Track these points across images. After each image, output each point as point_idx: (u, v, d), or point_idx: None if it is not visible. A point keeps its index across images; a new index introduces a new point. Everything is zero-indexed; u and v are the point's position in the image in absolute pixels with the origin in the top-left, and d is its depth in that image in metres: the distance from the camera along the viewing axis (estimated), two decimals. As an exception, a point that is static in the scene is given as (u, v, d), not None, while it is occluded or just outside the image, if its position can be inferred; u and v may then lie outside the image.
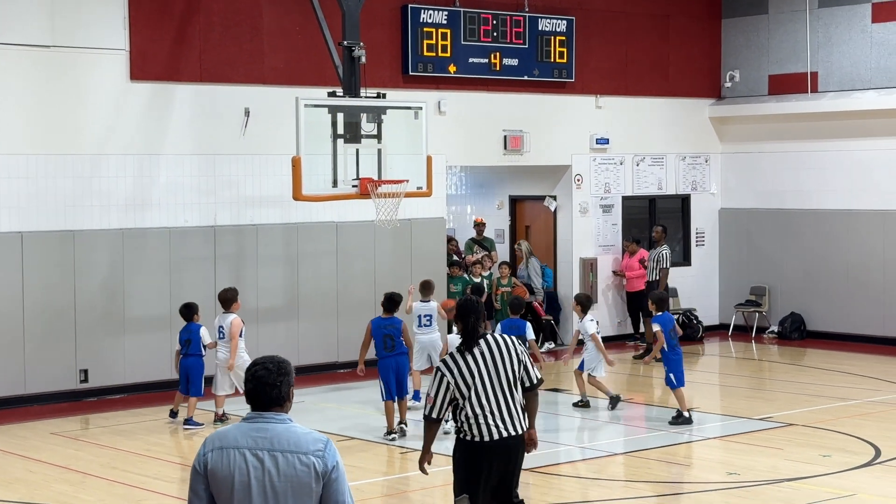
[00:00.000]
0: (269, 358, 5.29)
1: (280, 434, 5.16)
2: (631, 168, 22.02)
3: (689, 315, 22.21)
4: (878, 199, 20.91)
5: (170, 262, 17.18)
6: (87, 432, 14.92)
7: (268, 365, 5.24)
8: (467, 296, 8.47)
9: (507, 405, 7.98)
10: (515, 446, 8.07)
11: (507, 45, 20.05)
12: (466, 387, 7.94)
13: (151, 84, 17.03)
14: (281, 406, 5.24)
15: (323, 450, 5.14)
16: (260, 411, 5.22)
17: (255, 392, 5.22)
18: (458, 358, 8.01)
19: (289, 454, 5.12)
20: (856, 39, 21.09)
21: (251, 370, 5.25)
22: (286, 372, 5.24)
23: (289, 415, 5.28)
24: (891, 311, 20.76)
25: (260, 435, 5.16)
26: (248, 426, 5.20)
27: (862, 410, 15.40)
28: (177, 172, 17.24)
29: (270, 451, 5.13)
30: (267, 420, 5.19)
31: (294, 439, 5.15)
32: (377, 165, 15.93)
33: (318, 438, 5.19)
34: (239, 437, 5.18)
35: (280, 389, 5.22)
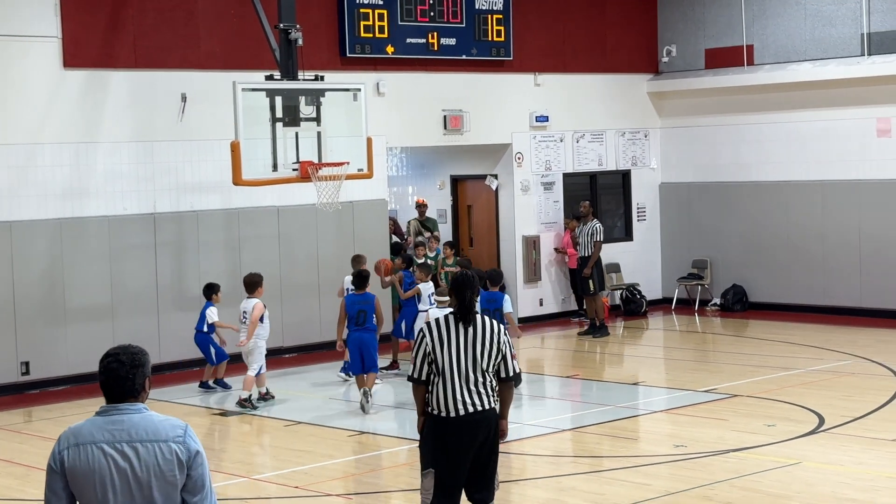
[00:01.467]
0: (123, 349, 5.13)
1: (137, 424, 5.01)
2: (571, 145, 22.07)
3: (632, 290, 22.33)
4: (816, 170, 21.11)
5: (110, 250, 17.00)
6: (30, 425, 14.74)
7: (121, 357, 5.07)
8: (463, 270, 8.36)
9: (477, 385, 7.91)
10: (484, 421, 7.94)
11: (445, 24, 20.00)
12: (442, 355, 7.90)
13: (85, 71, 16.81)
14: (136, 397, 5.07)
15: (183, 436, 5.02)
16: (114, 403, 5.08)
17: (108, 385, 5.06)
18: (444, 325, 7.97)
19: (148, 443, 4.98)
20: (790, 12, 21.25)
21: (104, 361, 5.10)
22: (139, 364, 5.09)
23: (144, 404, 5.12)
24: (830, 280, 20.99)
25: (116, 427, 5.01)
26: (102, 419, 5.04)
27: (805, 379, 15.57)
28: (114, 160, 17.05)
29: (129, 441, 4.98)
30: (122, 411, 5.03)
31: (152, 428, 5.01)
32: (317, 148, 15.82)
33: (177, 425, 5.06)
34: (94, 432, 5.02)
35: (134, 381, 5.06)
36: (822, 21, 20.87)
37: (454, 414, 7.89)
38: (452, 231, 22.32)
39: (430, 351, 7.93)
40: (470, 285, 8.01)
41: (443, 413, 7.92)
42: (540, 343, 20.01)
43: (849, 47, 20.54)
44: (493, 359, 7.97)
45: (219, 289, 16.19)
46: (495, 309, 14.93)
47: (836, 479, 10.84)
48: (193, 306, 17.22)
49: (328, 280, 18.53)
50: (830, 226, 20.96)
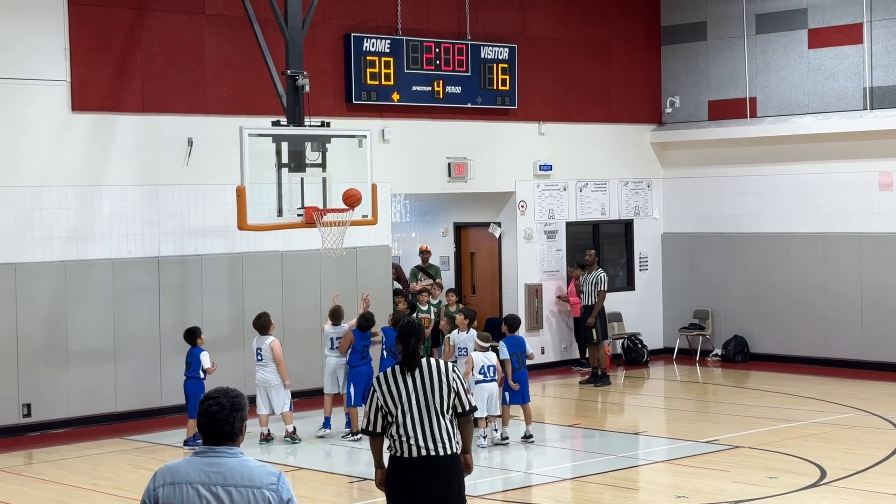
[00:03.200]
0: (222, 392, 5.26)
1: (233, 468, 5.13)
2: (574, 194, 22.16)
3: (633, 339, 22.35)
4: (818, 222, 21.17)
5: (113, 293, 17.03)
6: (30, 468, 14.72)
7: (221, 400, 5.20)
8: (409, 318, 8.50)
9: (433, 428, 7.91)
10: (441, 466, 7.92)
11: (450, 72, 20.14)
12: (395, 405, 7.92)
13: (93, 115, 16.92)
14: (233, 441, 5.21)
15: (276, 483, 5.13)
16: (212, 445, 5.19)
17: (208, 427, 5.19)
18: (391, 377, 8.01)
19: (243, 489, 5.09)
20: (793, 65, 21.40)
21: (204, 404, 5.22)
22: (239, 407, 5.22)
23: (240, 448, 5.25)
24: (831, 332, 21.00)
25: (213, 470, 5.13)
26: (200, 460, 5.17)
27: (806, 432, 15.55)
28: (120, 203, 17.12)
29: (224, 485, 5.10)
30: (219, 454, 5.16)
31: (248, 473, 5.13)
32: (322, 194, 15.91)
33: (271, 472, 5.18)
34: (191, 472, 5.14)
35: (233, 425, 5.20)
36: (824, 75, 21.01)
37: (410, 455, 7.90)
38: (455, 278, 22.36)
39: (381, 404, 7.98)
40: (415, 332, 8.08)
41: (400, 453, 7.95)
42: (541, 391, 19.98)
43: (851, 101, 20.67)
44: (445, 399, 7.98)
45: (201, 332, 15.71)
46: (522, 351, 15.44)
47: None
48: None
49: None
50: (832, 278, 21.00)
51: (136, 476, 13.84)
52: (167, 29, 17.53)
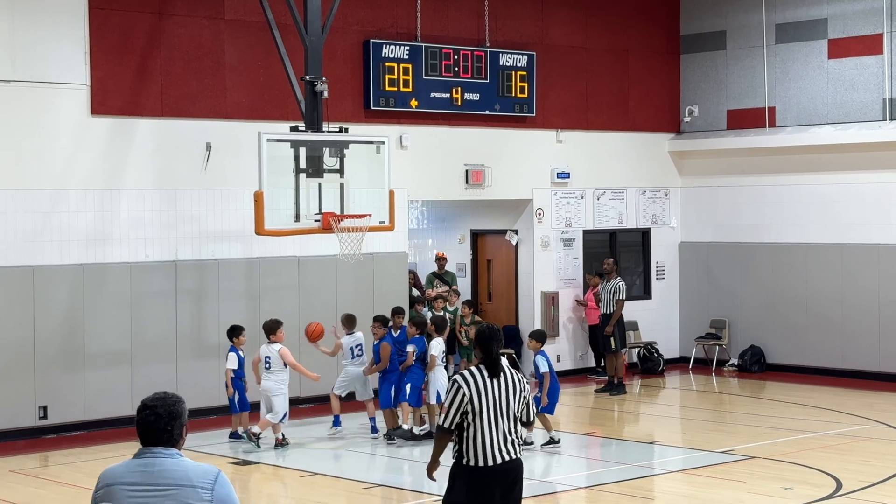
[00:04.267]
0: (160, 400, 5.23)
1: (168, 468, 5.13)
2: (592, 202, 22.14)
3: (649, 348, 22.31)
4: (836, 233, 21.11)
5: (130, 297, 17.08)
6: (46, 470, 14.77)
7: (158, 410, 5.19)
8: (488, 323, 8.48)
9: (509, 433, 8.09)
10: (516, 470, 8.14)
11: (469, 79, 20.15)
12: (479, 405, 8.01)
13: (112, 119, 16.98)
14: (173, 446, 5.22)
15: (213, 482, 5.11)
16: (149, 447, 5.20)
17: (145, 436, 5.20)
18: (478, 377, 8.08)
19: (178, 487, 5.09)
20: (812, 75, 21.36)
21: (141, 413, 5.21)
22: (177, 415, 5.21)
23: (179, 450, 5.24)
24: (848, 343, 20.93)
25: (147, 470, 5.14)
26: (136, 462, 5.19)
27: (822, 443, 15.50)
28: (138, 207, 17.17)
29: (156, 485, 5.10)
30: (155, 455, 5.17)
31: (182, 472, 5.12)
32: (339, 200, 15.94)
33: (208, 471, 5.16)
34: (126, 474, 5.16)
35: (171, 433, 5.20)
36: (844, 85, 20.96)
37: (492, 463, 8.01)
38: (471, 285, 22.36)
39: (467, 401, 8.02)
40: (495, 338, 8.18)
41: (480, 463, 8.01)
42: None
43: (871, 111, 20.61)
44: (520, 405, 8.17)
45: (241, 331, 16.00)
46: None
47: None
48: (213, 354, 17.29)
49: (347, 331, 18.54)
50: (849, 289, 20.94)
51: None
52: (187, 33, 17.59)
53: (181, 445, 5.24)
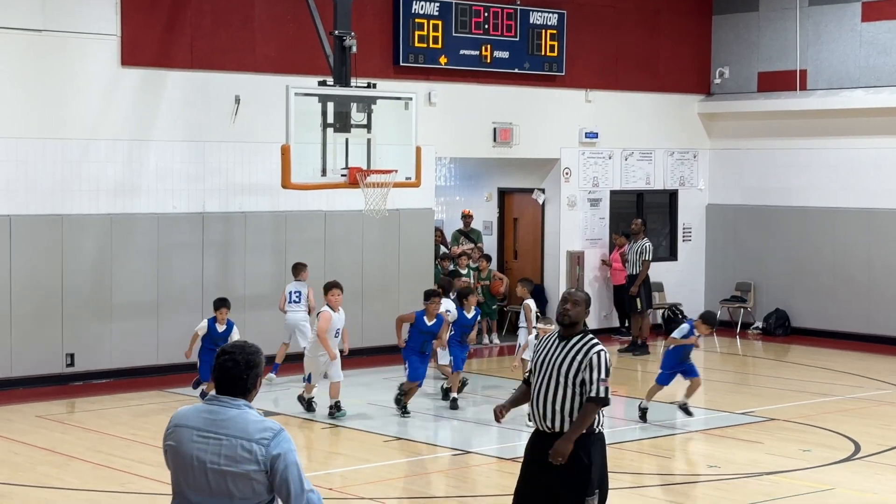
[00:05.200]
0: (239, 348, 5.32)
1: (231, 418, 5.22)
2: (619, 162, 22.10)
3: (674, 309, 22.32)
4: (865, 198, 21.02)
5: (158, 248, 17.21)
6: (72, 416, 14.97)
7: (236, 357, 5.27)
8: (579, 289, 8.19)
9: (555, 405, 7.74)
10: None
11: (498, 37, 20.10)
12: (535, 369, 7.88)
13: (142, 70, 17.05)
14: (245, 396, 5.30)
15: (270, 438, 5.17)
16: (221, 395, 5.29)
17: (222, 382, 5.29)
18: (548, 340, 7.98)
19: (234, 438, 5.17)
20: (845, 38, 21.19)
21: (220, 358, 5.31)
22: (254, 364, 5.28)
23: (251, 401, 5.32)
24: (875, 308, 20.88)
25: (212, 417, 5.24)
26: (205, 407, 5.30)
27: (843, 406, 15.52)
28: (166, 159, 17.27)
29: (216, 433, 5.20)
30: (222, 403, 5.26)
31: (242, 425, 5.20)
32: (366, 155, 15.97)
33: (268, 427, 5.21)
34: (193, 417, 5.29)
35: (246, 381, 5.28)
36: (876, 49, 20.80)
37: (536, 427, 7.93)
38: (497, 243, 22.40)
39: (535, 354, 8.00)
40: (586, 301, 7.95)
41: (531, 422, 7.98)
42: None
43: (903, 76, 20.46)
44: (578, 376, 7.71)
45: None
46: None
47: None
48: (238, 306, 17.40)
49: (372, 286, 18.67)
50: (877, 254, 20.86)
51: (175, 428, 14.04)
52: (217, -14, 17.61)
53: (253, 397, 5.31)
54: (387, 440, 13.60)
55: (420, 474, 12.41)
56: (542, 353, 7.89)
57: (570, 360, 7.74)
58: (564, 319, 7.84)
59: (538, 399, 7.79)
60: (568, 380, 7.70)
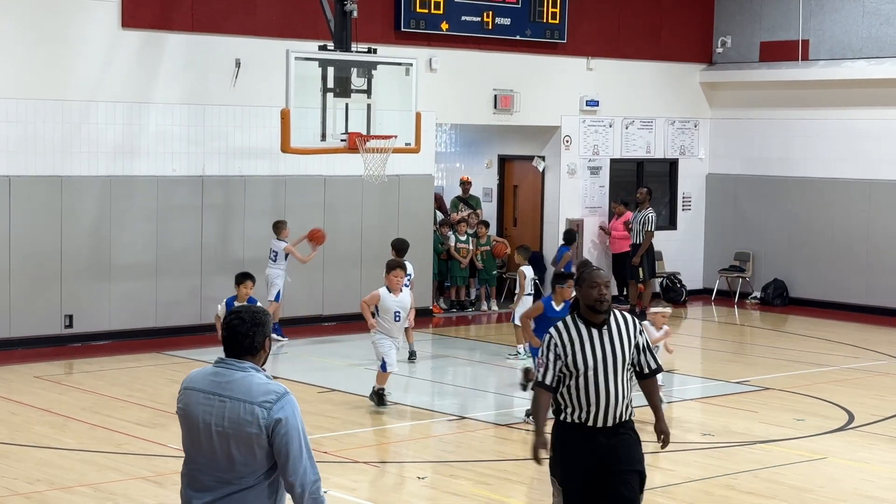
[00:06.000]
0: (245, 308, 5.36)
1: (236, 381, 5.22)
2: (620, 131, 22.08)
3: (673, 278, 22.36)
4: (865, 169, 21.01)
5: (157, 210, 17.24)
6: (70, 377, 15.03)
7: (243, 315, 5.30)
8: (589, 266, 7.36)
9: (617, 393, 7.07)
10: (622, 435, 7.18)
11: (500, 3, 20.04)
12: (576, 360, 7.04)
13: (143, 32, 17.03)
14: (253, 355, 5.30)
15: (273, 402, 5.14)
16: (229, 357, 5.32)
17: (229, 340, 5.31)
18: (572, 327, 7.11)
19: (237, 401, 5.18)
20: (848, 8, 21.12)
21: (227, 318, 5.34)
22: (260, 322, 5.29)
23: (261, 364, 5.32)
24: (873, 279, 20.91)
25: (218, 379, 5.26)
26: (213, 370, 5.32)
27: (838, 377, 15.57)
28: (166, 121, 17.27)
29: (220, 395, 5.21)
30: (229, 366, 5.27)
31: (246, 388, 5.19)
32: (366, 121, 15.98)
33: (272, 390, 5.19)
34: (201, 380, 5.31)
35: (253, 339, 5.28)
36: (879, 19, 20.73)
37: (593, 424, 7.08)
38: (497, 210, 22.41)
39: (560, 354, 7.07)
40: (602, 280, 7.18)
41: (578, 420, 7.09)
42: (577, 326, 20.07)
43: (905, 47, 20.42)
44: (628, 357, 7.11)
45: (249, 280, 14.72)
46: None
47: (861, 476, 10.88)
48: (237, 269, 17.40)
49: (371, 251, 18.70)
50: (876, 226, 20.87)
51: (172, 390, 14.04)
52: (219, -51, 17.56)
53: (262, 358, 5.31)
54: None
55: (416, 439, 12.47)
56: (578, 349, 7.04)
57: (619, 344, 7.08)
58: (603, 306, 7.04)
59: (597, 401, 6.99)
60: (625, 366, 7.07)
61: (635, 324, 7.23)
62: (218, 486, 5.20)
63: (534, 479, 10.64)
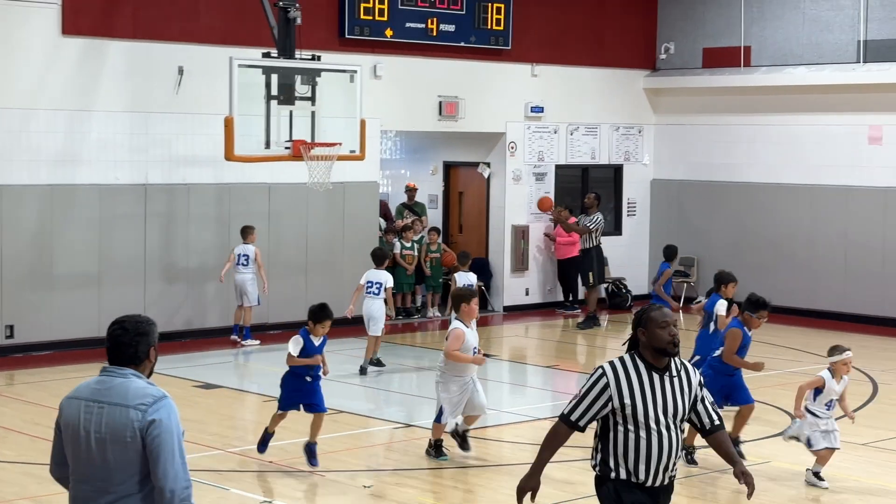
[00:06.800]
0: (129, 317, 5.35)
1: (115, 386, 5.23)
2: (565, 137, 22.17)
3: (618, 284, 22.46)
4: (807, 174, 21.22)
5: (99, 219, 17.08)
6: (11, 388, 14.85)
7: (125, 325, 5.30)
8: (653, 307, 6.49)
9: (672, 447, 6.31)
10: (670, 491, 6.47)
11: (445, 10, 20.06)
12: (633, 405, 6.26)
13: (84, 39, 16.88)
14: (137, 365, 5.29)
15: (148, 404, 5.15)
16: (112, 365, 5.30)
17: (111, 350, 5.30)
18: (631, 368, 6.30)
19: (114, 406, 5.18)
20: (789, 16, 21.34)
21: (110, 329, 5.33)
22: (143, 332, 5.29)
23: (147, 373, 5.31)
24: (815, 284, 21.12)
25: (98, 387, 5.27)
26: (94, 379, 5.34)
27: (781, 381, 15.70)
28: (108, 129, 17.12)
29: (100, 402, 5.22)
30: (110, 373, 5.28)
31: (124, 392, 5.20)
32: (310, 128, 15.93)
33: (149, 394, 5.19)
34: (84, 389, 5.32)
35: (136, 349, 5.28)
36: (819, 26, 20.96)
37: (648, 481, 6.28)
38: (443, 217, 22.42)
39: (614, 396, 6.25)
40: None
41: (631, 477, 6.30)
42: (524, 332, 20.13)
43: (845, 54, 20.64)
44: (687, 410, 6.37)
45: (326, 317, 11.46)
46: None
47: (803, 479, 10.95)
48: (181, 278, 17.37)
49: (316, 259, 18.63)
50: (818, 230, 21.08)
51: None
52: (161, -45, 17.45)
53: (147, 368, 5.31)
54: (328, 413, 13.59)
55: (361, 447, 12.43)
56: (638, 394, 6.21)
57: (680, 394, 6.30)
58: (675, 349, 6.26)
59: (659, 456, 6.22)
60: (683, 419, 6.35)
61: (696, 373, 6.46)
62: (97, 496, 5.21)
63: (478, 486, 10.65)
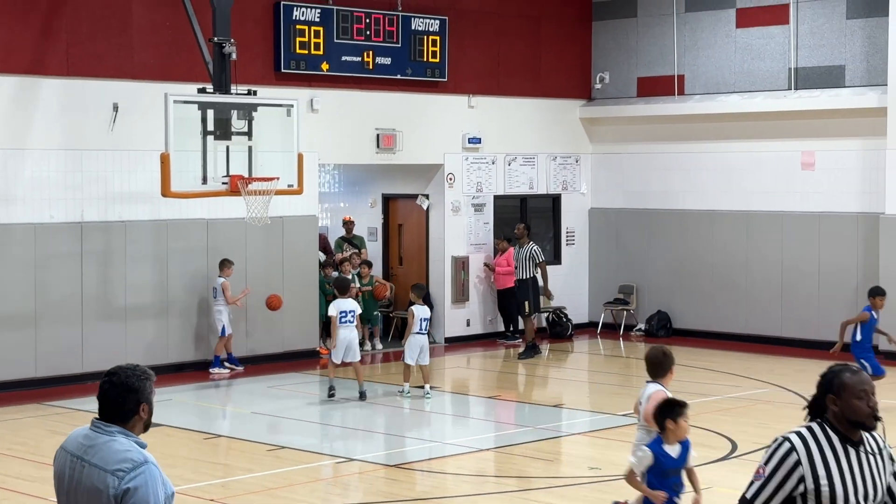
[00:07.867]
0: (122, 369, 5.14)
1: (98, 445, 5.07)
2: (503, 168, 22.26)
3: (558, 313, 22.53)
4: (741, 200, 21.45)
5: (35, 258, 16.88)
6: (-53, 432, 14.61)
7: (114, 379, 5.10)
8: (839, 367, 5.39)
9: None
10: None
11: (381, 43, 20.11)
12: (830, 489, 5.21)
13: (16, 77, 16.73)
14: (124, 422, 5.11)
15: (126, 471, 4.97)
16: (101, 420, 5.16)
17: (99, 404, 5.15)
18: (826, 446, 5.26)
19: (94, 467, 5.04)
20: (721, 44, 21.62)
21: (103, 379, 5.17)
22: (132, 389, 5.08)
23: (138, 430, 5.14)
24: (752, 309, 21.31)
25: (85, 442, 5.12)
26: (84, 431, 5.18)
27: (721, 406, 15.81)
28: (42, 167, 16.95)
29: (83, 460, 5.08)
30: (97, 429, 5.12)
31: (105, 454, 5.04)
32: (248, 163, 15.89)
33: (129, 459, 5.01)
34: (72, 441, 5.19)
35: (123, 405, 5.09)
36: (751, 54, 21.25)
37: None
38: (382, 249, 22.40)
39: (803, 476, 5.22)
40: None
41: None
42: (465, 363, 20.14)
43: (776, 81, 20.93)
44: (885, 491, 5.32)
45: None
46: None
47: None
48: (119, 316, 17.20)
49: (256, 294, 18.53)
50: (754, 256, 21.30)
51: (53, 442, 13.76)
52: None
53: (137, 424, 5.13)
54: (270, 449, 13.51)
55: (303, 483, 12.36)
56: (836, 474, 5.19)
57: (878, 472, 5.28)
58: (875, 423, 5.25)
59: None
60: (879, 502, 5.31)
61: (886, 443, 5.41)
62: None
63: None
